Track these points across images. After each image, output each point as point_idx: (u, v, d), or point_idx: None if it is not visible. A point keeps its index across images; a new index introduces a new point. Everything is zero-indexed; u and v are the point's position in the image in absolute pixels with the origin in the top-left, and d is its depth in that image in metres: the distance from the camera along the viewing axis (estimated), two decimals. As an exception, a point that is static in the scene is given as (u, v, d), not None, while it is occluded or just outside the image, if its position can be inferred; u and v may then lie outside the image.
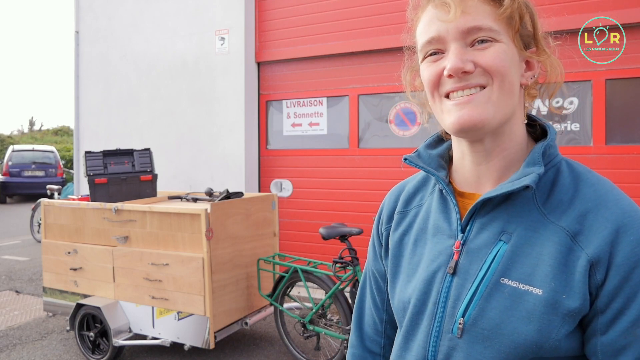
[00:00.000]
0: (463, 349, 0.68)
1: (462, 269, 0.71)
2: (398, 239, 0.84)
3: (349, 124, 4.96)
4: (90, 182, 3.64)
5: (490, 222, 0.71)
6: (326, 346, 3.42)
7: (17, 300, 4.92)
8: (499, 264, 0.67)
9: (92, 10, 6.30)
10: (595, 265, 0.62)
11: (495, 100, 0.68)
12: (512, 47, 0.69)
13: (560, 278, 0.63)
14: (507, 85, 0.68)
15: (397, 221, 0.86)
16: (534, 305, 0.64)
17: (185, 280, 3.10)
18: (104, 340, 3.38)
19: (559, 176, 0.70)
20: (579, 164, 0.73)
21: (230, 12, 5.27)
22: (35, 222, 7.94)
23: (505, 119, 0.70)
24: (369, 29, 4.79)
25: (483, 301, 0.67)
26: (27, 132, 32.69)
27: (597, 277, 0.62)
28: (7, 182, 13.83)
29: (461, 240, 0.73)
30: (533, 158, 0.69)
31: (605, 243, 0.62)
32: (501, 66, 0.67)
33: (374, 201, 4.81)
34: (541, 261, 0.65)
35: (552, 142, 0.71)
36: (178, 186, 5.38)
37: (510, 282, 0.66)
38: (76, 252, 3.54)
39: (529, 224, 0.68)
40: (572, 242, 0.64)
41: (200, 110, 5.48)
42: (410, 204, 0.86)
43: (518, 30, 0.69)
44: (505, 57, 0.68)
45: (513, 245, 0.67)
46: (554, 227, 0.66)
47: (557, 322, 0.62)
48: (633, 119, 3.88)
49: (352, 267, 2.98)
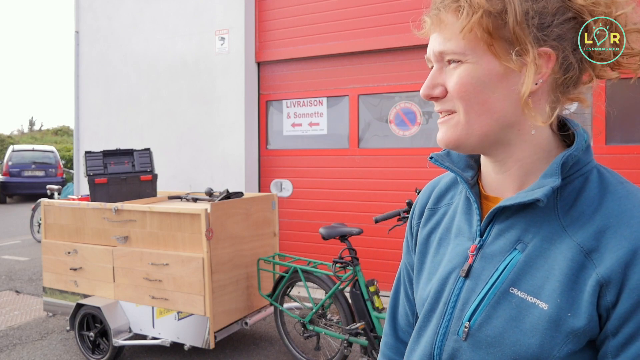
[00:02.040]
0: (467, 352, 0.68)
1: (475, 273, 0.71)
2: (425, 236, 0.85)
3: (349, 124, 4.96)
4: (90, 182, 3.65)
5: (509, 229, 0.69)
6: (326, 346, 3.42)
7: (17, 300, 4.92)
8: (510, 272, 0.67)
9: (92, 10, 6.30)
10: (606, 286, 0.59)
11: (465, 123, 0.68)
12: (487, 63, 0.65)
13: (568, 295, 0.61)
14: (477, 106, 0.66)
15: (426, 217, 0.86)
16: (538, 319, 0.62)
17: (185, 280, 3.10)
18: (104, 340, 3.38)
19: (585, 186, 0.66)
20: (613, 173, 0.68)
21: (230, 12, 5.27)
22: (35, 222, 7.94)
23: (488, 136, 0.68)
24: (369, 29, 4.79)
25: (490, 308, 0.67)
26: (27, 132, 32.70)
27: (607, 299, 0.59)
28: (7, 182, 13.84)
29: (478, 244, 0.72)
30: (550, 170, 0.66)
31: (618, 263, 0.58)
32: (463, 91, 0.66)
33: (374, 201, 4.81)
34: (551, 275, 0.63)
35: (576, 152, 0.66)
36: (178, 186, 5.38)
37: (519, 292, 0.65)
38: (76, 252, 3.54)
39: (546, 234, 0.65)
40: (586, 259, 0.61)
41: (200, 110, 5.48)
42: (441, 202, 0.85)
43: (491, 42, 0.64)
44: (470, 80, 0.66)
45: (527, 256, 0.66)
46: (569, 241, 0.63)
47: (559, 340, 0.61)
48: (633, 119, 3.89)
49: (352, 267, 2.98)
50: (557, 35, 0.64)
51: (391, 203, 4.52)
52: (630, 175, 3.83)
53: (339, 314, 3.09)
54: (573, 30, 0.65)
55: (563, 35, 0.64)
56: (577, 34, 0.65)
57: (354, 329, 2.92)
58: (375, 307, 2.94)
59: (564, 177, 0.66)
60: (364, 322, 2.92)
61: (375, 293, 2.97)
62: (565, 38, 0.65)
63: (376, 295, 2.97)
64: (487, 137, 0.68)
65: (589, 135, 0.70)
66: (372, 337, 2.91)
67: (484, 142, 0.69)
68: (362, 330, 2.92)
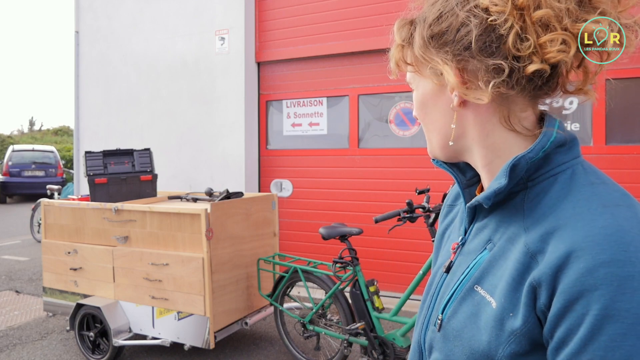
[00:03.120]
0: (439, 343, 0.73)
1: (453, 269, 0.76)
2: (441, 232, 0.90)
3: (349, 124, 4.96)
4: (90, 182, 3.65)
5: (483, 229, 0.73)
6: (326, 346, 3.42)
7: (17, 300, 4.92)
8: (476, 271, 0.70)
9: (92, 10, 6.30)
10: (538, 288, 0.58)
11: (428, 138, 0.78)
12: (424, 86, 0.74)
13: (512, 296, 0.62)
14: (428, 125, 0.76)
15: (444, 214, 0.92)
16: (489, 316, 0.64)
17: (185, 280, 3.10)
18: (104, 340, 3.38)
19: (551, 187, 0.65)
20: (590, 174, 0.65)
21: (230, 12, 5.27)
22: (35, 222, 7.94)
23: (443, 147, 0.75)
24: (369, 29, 4.79)
25: (457, 303, 0.71)
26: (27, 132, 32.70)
27: (541, 301, 0.58)
28: (7, 182, 13.84)
29: (460, 241, 0.77)
30: (500, 172, 0.66)
31: (550, 267, 0.57)
32: (416, 114, 0.77)
33: (374, 201, 4.81)
34: (504, 275, 0.64)
35: (532, 154, 0.64)
36: (178, 186, 5.38)
37: (481, 290, 0.67)
38: (76, 252, 3.54)
39: (510, 235, 0.66)
40: (531, 260, 0.61)
41: (200, 110, 5.48)
42: (458, 200, 0.90)
43: (416, 69, 0.73)
44: (416, 104, 0.76)
45: (491, 256, 0.68)
46: (522, 242, 0.63)
47: (503, 339, 0.62)
48: (633, 119, 3.89)
49: (352, 267, 2.98)
50: (464, 47, 0.65)
51: (391, 203, 4.53)
52: (630, 175, 3.84)
53: (339, 314, 3.09)
54: (484, 36, 0.64)
55: (470, 45, 0.64)
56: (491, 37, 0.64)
57: (354, 329, 2.92)
58: (375, 307, 2.94)
59: (532, 178, 0.66)
60: (364, 322, 2.92)
61: (375, 293, 2.97)
62: (472, 48, 0.64)
63: (376, 295, 2.97)
64: (445, 149, 0.75)
65: (570, 134, 0.68)
66: (372, 337, 2.91)
67: (447, 154, 0.76)
68: (362, 330, 2.92)
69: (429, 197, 2.99)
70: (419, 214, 2.90)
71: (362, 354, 3.00)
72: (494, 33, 0.63)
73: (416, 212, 2.89)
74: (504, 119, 0.68)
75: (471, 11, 0.64)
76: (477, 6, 0.64)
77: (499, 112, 0.68)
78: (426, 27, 0.68)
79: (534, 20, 0.61)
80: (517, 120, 0.68)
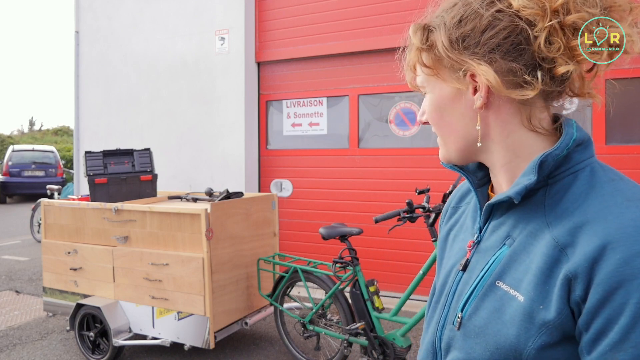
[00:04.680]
0: (459, 341, 0.73)
1: (470, 266, 0.77)
2: (445, 233, 0.91)
3: (349, 124, 4.96)
4: (90, 182, 3.65)
5: (501, 226, 0.74)
6: (326, 346, 3.42)
7: (17, 300, 4.92)
8: (497, 266, 0.71)
9: (92, 10, 6.30)
10: (574, 280, 0.60)
11: (443, 142, 0.78)
12: (440, 89, 0.74)
13: (541, 288, 0.63)
14: (443, 128, 0.76)
15: (449, 215, 0.93)
16: (515, 310, 0.65)
17: (185, 280, 3.10)
18: (104, 340, 3.38)
19: (573, 184, 0.67)
20: (609, 171, 0.68)
21: (230, 12, 5.27)
22: (35, 222, 7.94)
23: (462, 150, 0.76)
24: (369, 29, 4.79)
25: (478, 300, 0.71)
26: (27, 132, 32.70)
27: (576, 293, 0.60)
28: (7, 182, 13.84)
29: (475, 239, 0.78)
30: (528, 169, 0.68)
31: (585, 259, 0.59)
32: (430, 118, 0.77)
33: (374, 201, 4.81)
34: (530, 269, 0.66)
35: (558, 151, 0.67)
36: (178, 186, 5.38)
37: (503, 285, 0.68)
38: (76, 252, 3.54)
39: (532, 230, 0.68)
40: (561, 254, 0.62)
41: (200, 110, 5.48)
42: (463, 201, 0.91)
43: (434, 72, 0.73)
44: (431, 107, 0.76)
45: (512, 251, 0.69)
46: (548, 237, 0.65)
47: (533, 332, 0.63)
48: (633, 119, 3.89)
49: (352, 267, 2.98)
50: (491, 49, 0.67)
51: (391, 203, 4.53)
52: (630, 175, 3.81)
53: (339, 314, 3.09)
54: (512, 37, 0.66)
55: (498, 46, 0.67)
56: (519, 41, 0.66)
57: (354, 329, 2.92)
58: (375, 307, 2.94)
59: (552, 175, 0.69)
60: (364, 322, 2.92)
61: (375, 293, 2.97)
62: (499, 49, 0.67)
63: (376, 295, 2.97)
64: (463, 152, 0.76)
65: (586, 134, 0.71)
66: (372, 337, 2.91)
67: (464, 156, 0.76)
68: (362, 330, 2.92)
69: (429, 197, 2.99)
70: (419, 214, 2.90)
71: (362, 354, 3.00)
72: (522, 35, 0.66)
73: (416, 212, 2.89)
74: (526, 119, 0.70)
75: (499, 13, 0.67)
76: (505, 8, 0.66)
77: (520, 113, 0.71)
78: (449, 30, 0.69)
79: (567, 24, 0.64)
80: (537, 120, 0.71)
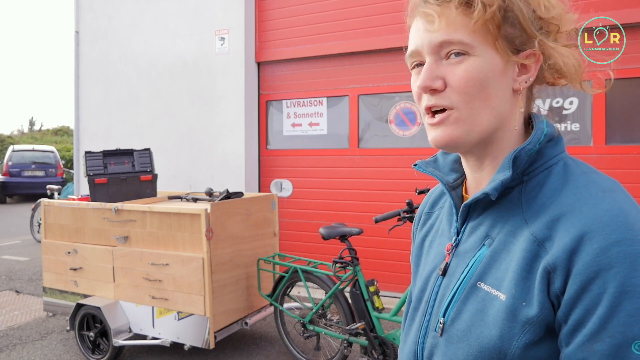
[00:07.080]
0: (442, 347, 0.70)
1: (450, 270, 0.74)
2: (420, 240, 0.88)
3: (349, 124, 4.96)
4: (90, 182, 3.65)
5: (478, 226, 0.72)
6: (326, 346, 3.42)
7: (17, 300, 4.92)
8: (477, 268, 0.69)
9: (92, 10, 6.30)
10: (553, 272, 0.59)
11: (466, 119, 0.67)
12: (492, 58, 0.66)
13: (522, 285, 0.62)
14: (479, 101, 0.66)
15: (422, 222, 0.90)
16: (498, 310, 0.64)
17: (185, 280, 3.10)
18: (104, 340, 3.38)
19: (548, 179, 0.67)
20: (580, 164, 0.68)
21: (230, 12, 5.27)
22: (35, 222, 7.94)
23: (487, 132, 0.68)
24: (369, 29, 4.79)
25: (460, 303, 0.69)
26: (27, 132, 32.68)
27: (555, 285, 0.59)
28: (7, 182, 13.84)
29: (453, 242, 0.76)
30: (503, 164, 0.67)
31: (563, 250, 0.58)
32: (470, 86, 0.65)
33: (374, 201, 4.81)
34: (510, 267, 0.64)
35: (530, 145, 0.66)
36: (178, 186, 5.38)
37: (485, 286, 0.67)
38: (76, 252, 3.54)
39: (510, 228, 0.67)
40: (539, 248, 0.62)
41: (200, 110, 5.48)
42: (435, 206, 0.89)
43: (497, 37, 0.65)
44: (476, 74, 0.65)
45: (492, 251, 0.68)
46: (527, 233, 0.64)
47: (517, 330, 0.61)
48: (633, 119, 3.88)
49: (352, 267, 2.98)
50: (548, 31, 0.69)
51: (391, 203, 4.52)
52: (630, 175, 3.84)
53: (339, 314, 3.09)
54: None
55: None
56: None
57: (354, 329, 2.92)
58: (375, 307, 2.94)
59: (527, 172, 0.68)
60: (364, 322, 2.92)
61: (375, 293, 2.97)
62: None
63: (376, 295, 2.97)
64: (486, 134, 0.68)
65: (556, 129, 0.71)
66: (372, 337, 2.91)
67: (481, 139, 0.69)
68: (362, 330, 2.92)
69: (429, 197, 2.98)
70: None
71: (362, 354, 3.00)
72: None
73: (416, 212, 2.89)
74: (527, 112, 0.71)
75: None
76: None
77: (528, 103, 0.72)
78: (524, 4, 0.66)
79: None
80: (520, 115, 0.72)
